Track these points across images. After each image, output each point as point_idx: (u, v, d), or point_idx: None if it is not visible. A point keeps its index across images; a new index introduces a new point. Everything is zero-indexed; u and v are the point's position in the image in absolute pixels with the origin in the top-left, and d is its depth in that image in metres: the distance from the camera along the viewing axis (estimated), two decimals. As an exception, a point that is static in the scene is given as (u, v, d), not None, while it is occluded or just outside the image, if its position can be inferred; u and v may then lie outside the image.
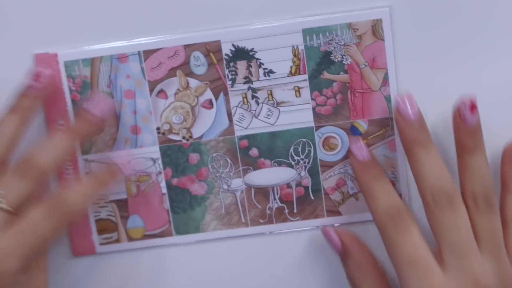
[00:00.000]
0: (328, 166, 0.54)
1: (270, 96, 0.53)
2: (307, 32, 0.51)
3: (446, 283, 0.47)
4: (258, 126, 0.53)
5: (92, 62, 0.52)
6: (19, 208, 0.49)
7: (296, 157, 0.54)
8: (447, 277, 0.47)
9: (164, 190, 0.54)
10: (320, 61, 0.52)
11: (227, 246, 0.55)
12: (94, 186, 0.51)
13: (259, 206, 0.54)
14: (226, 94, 0.53)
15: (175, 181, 0.54)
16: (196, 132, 0.53)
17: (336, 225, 0.54)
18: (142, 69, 0.52)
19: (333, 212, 0.54)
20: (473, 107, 0.48)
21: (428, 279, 0.47)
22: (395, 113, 0.49)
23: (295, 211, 0.54)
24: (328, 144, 0.53)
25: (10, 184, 0.49)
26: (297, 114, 0.53)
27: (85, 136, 0.52)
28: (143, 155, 0.54)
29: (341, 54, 0.52)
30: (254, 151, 0.54)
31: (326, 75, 0.52)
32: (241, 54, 0.52)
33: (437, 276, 0.47)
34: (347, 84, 0.52)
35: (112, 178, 0.52)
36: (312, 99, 0.52)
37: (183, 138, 0.53)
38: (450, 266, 0.47)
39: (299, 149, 0.53)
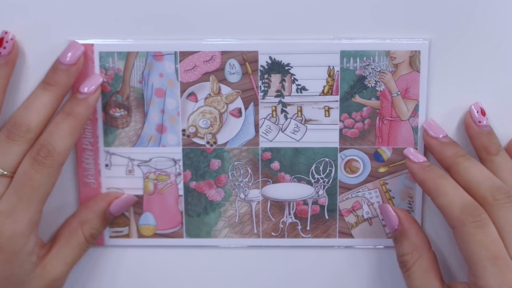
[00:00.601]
0: (346, 188, 0.54)
1: (299, 112, 0.53)
2: (345, 54, 0.51)
3: None
4: (283, 140, 0.53)
5: (127, 56, 0.52)
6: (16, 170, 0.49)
7: (316, 175, 0.54)
8: None
9: (181, 192, 0.54)
10: (354, 84, 0.52)
11: (236, 254, 0.55)
12: (70, 122, 0.50)
13: (273, 219, 0.55)
14: (256, 105, 0.53)
15: (193, 184, 0.54)
16: (221, 139, 0.53)
17: (347, 246, 0.55)
18: (176, 70, 0.52)
19: (345, 234, 0.55)
20: (483, 110, 0.51)
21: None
22: (427, 139, 0.51)
23: (308, 228, 0.55)
24: (350, 166, 0.54)
25: (3, 149, 0.49)
26: (324, 134, 0.53)
27: (64, 88, 0.50)
28: (165, 155, 0.54)
29: (375, 80, 0.52)
30: (275, 164, 0.54)
31: (357, 98, 0.52)
32: (277, 67, 0.52)
33: None
34: (377, 110, 0.52)
35: (85, 108, 0.51)
36: (340, 120, 0.53)
37: (207, 143, 0.53)
38: None
39: (321, 168, 0.54)
